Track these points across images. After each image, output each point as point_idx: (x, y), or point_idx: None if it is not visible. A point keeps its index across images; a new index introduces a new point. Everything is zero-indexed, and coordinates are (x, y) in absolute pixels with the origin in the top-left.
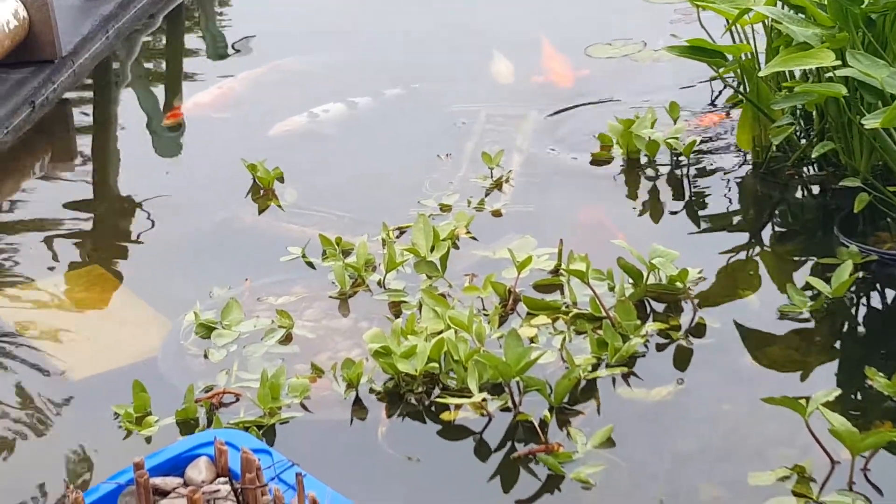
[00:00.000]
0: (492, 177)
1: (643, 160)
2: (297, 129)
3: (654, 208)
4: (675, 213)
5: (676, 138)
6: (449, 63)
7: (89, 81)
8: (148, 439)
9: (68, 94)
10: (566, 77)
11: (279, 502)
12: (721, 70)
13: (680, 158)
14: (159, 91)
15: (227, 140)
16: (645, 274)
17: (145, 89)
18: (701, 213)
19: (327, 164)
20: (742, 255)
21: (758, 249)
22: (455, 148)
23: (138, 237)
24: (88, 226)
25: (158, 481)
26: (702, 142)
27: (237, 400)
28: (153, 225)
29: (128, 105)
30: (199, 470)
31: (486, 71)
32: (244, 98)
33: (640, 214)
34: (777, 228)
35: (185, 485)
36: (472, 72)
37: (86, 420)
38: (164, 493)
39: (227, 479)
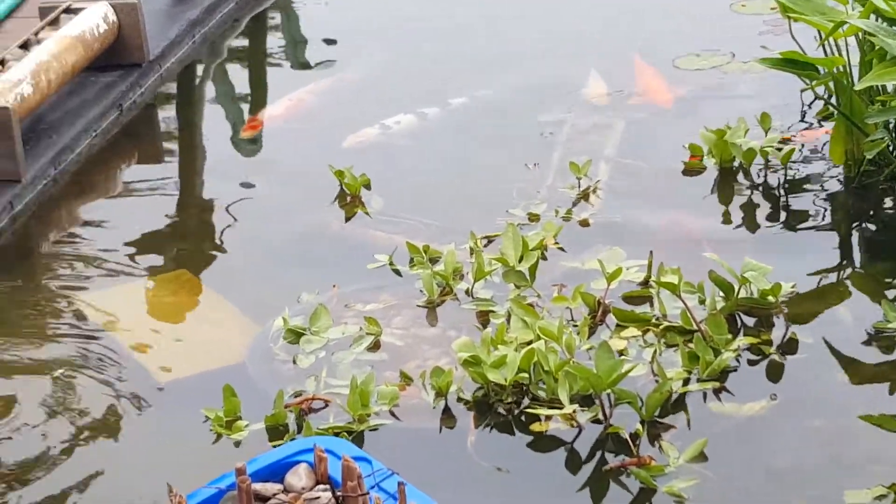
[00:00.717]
0: (579, 186)
1: (735, 170)
2: (370, 140)
3: (746, 219)
4: (767, 225)
5: (773, 147)
6: (533, 70)
7: (175, 85)
8: (237, 443)
9: (155, 99)
10: (665, 98)
11: None
12: (813, 83)
13: (771, 169)
14: (242, 97)
15: (305, 150)
16: (736, 287)
17: (228, 95)
18: (793, 225)
19: (411, 173)
20: (834, 270)
21: (850, 264)
22: (542, 157)
23: (224, 242)
24: (175, 230)
25: (259, 487)
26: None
27: (326, 406)
28: (239, 230)
29: (212, 110)
30: (299, 476)
31: (573, 81)
32: (314, 110)
33: (732, 226)
34: (870, 244)
35: (285, 491)
36: (560, 82)
37: (176, 423)
38: (264, 500)
39: (326, 486)
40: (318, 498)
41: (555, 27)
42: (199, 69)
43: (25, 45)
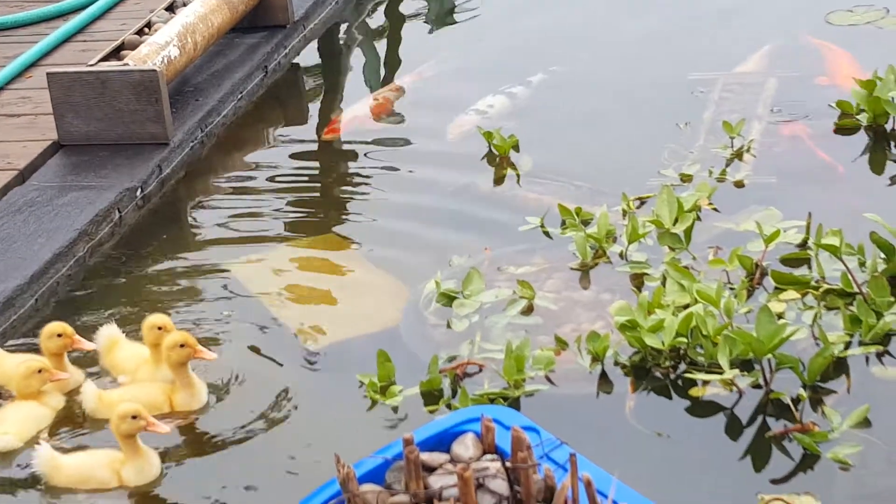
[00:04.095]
0: (732, 146)
1: (889, 130)
2: (472, 128)
3: None
4: None
5: None
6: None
7: (318, 46)
8: (394, 409)
9: (299, 59)
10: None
11: (550, 482)
12: None
13: None
14: (383, 56)
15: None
16: None
17: (371, 57)
18: None
19: (558, 134)
20: None
21: None
22: (693, 117)
23: (371, 205)
24: (322, 193)
25: (426, 457)
26: None
27: (480, 371)
28: (387, 193)
29: (356, 70)
30: (465, 446)
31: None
32: (397, 109)
33: (890, 182)
34: None
35: (452, 461)
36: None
37: (331, 388)
38: (430, 469)
39: (494, 456)
40: (486, 468)
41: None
42: (343, 29)
43: (171, 7)
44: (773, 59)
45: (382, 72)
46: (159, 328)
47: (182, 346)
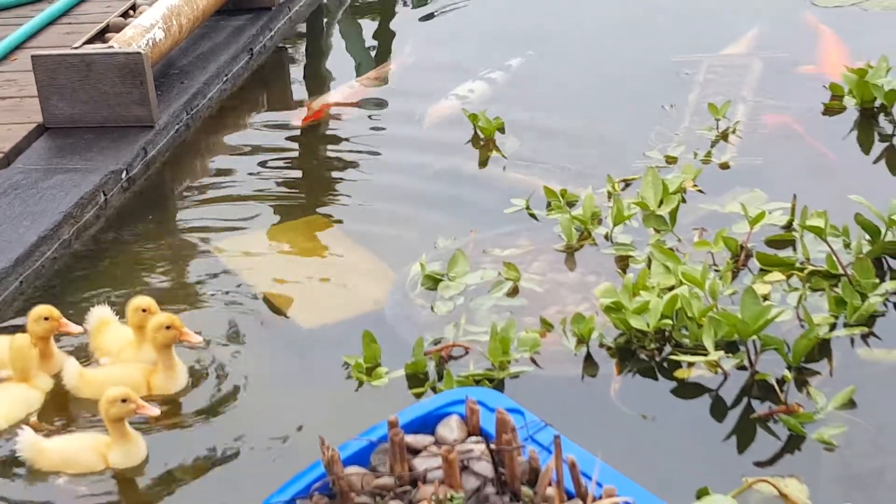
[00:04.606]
0: (717, 128)
1: (876, 111)
2: (452, 112)
3: (889, 160)
4: None
5: None
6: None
7: (303, 29)
8: (380, 391)
9: (284, 42)
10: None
11: (534, 464)
12: None
13: None
14: (368, 40)
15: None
16: (883, 230)
17: (355, 38)
18: None
19: (543, 117)
20: None
21: None
22: (679, 99)
23: (357, 187)
24: (307, 175)
25: (410, 439)
26: None
27: (466, 353)
28: (372, 175)
29: (340, 53)
30: (450, 428)
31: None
32: (378, 94)
33: (875, 165)
34: None
35: (437, 443)
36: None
37: (317, 370)
38: (415, 451)
39: (479, 438)
40: (471, 450)
41: None
42: (327, 11)
43: None
44: (760, 40)
45: (366, 56)
46: (143, 310)
47: (168, 327)
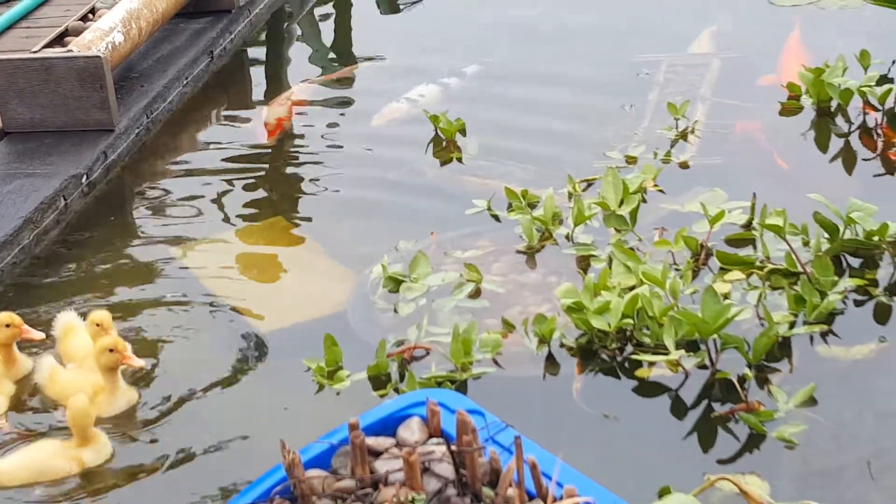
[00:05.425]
0: (677, 128)
1: (832, 110)
2: (403, 115)
3: (845, 159)
4: (865, 165)
5: (870, 86)
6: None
7: (264, 32)
8: (341, 394)
9: (244, 45)
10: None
11: (495, 465)
12: None
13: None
14: (329, 43)
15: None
16: (841, 228)
17: (316, 41)
18: (893, 167)
19: (503, 119)
20: None
21: None
22: (638, 99)
23: (319, 190)
24: (268, 178)
25: (371, 441)
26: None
27: (427, 354)
28: (333, 178)
29: (301, 56)
30: (411, 430)
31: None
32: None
33: (832, 164)
34: None
35: (398, 445)
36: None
37: (277, 373)
38: (376, 454)
39: (440, 439)
40: (432, 452)
41: None
42: (287, 15)
43: None
44: (718, 39)
45: (325, 58)
46: (97, 325)
47: (111, 350)
